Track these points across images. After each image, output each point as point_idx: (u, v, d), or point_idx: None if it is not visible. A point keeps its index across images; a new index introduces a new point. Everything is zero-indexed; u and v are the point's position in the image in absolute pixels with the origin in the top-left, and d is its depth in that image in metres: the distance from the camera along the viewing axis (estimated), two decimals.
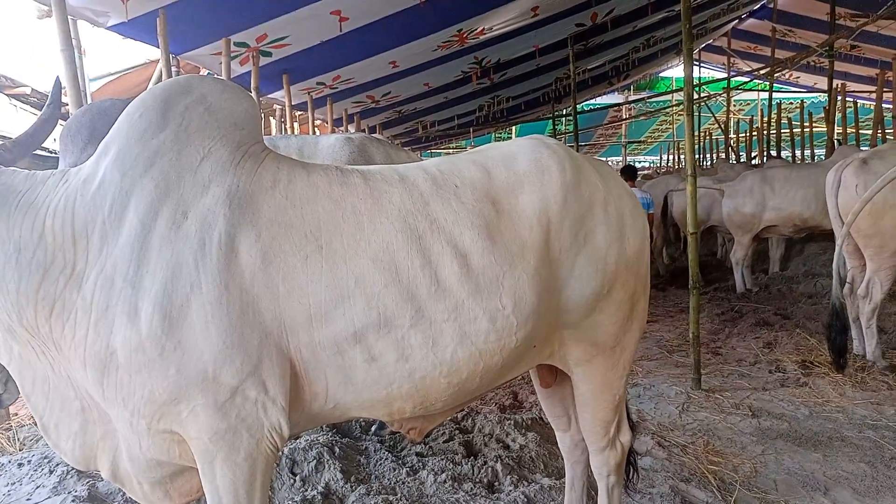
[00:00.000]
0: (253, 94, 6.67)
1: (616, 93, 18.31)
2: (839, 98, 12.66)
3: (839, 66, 12.73)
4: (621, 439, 2.56)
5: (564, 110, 15.38)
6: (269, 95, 8.40)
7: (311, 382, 1.86)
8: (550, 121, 15.15)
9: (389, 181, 2.05)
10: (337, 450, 3.46)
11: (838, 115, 13.53)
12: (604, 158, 23.69)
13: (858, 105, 15.00)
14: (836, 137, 12.57)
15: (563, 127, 17.40)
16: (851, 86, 14.28)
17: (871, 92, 13.03)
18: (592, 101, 17.59)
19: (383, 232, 1.92)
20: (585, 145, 20.61)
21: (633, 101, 17.52)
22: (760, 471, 3.46)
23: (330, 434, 3.69)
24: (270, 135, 7.59)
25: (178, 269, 1.70)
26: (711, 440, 3.83)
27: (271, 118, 9.85)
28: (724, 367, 5.17)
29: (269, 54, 7.13)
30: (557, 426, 2.79)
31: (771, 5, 12.74)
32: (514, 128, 17.73)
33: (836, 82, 12.25)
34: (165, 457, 1.82)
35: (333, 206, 1.92)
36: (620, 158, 24.29)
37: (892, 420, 4.04)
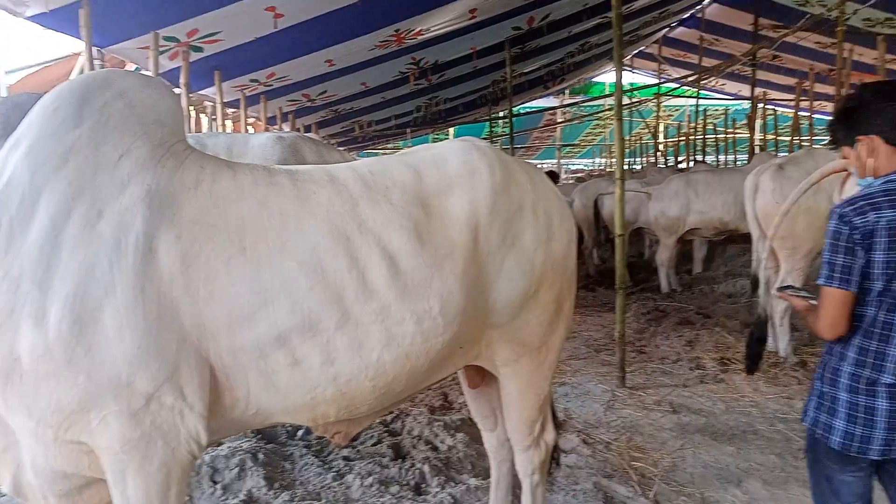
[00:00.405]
0: (183, 91, 6.50)
1: (552, 96, 18.63)
2: (761, 106, 13.26)
3: (761, 75, 13.30)
4: (545, 438, 2.62)
5: (501, 112, 15.56)
6: (200, 92, 8.19)
7: (232, 387, 1.83)
8: (488, 123, 15.30)
9: (318, 182, 2.05)
10: (261, 456, 3.40)
11: (760, 122, 14.18)
12: (539, 161, 24.05)
13: (778, 113, 15.78)
14: (757, 143, 13.17)
15: (500, 129, 17.59)
16: (772, 94, 14.98)
17: (790, 100, 13.70)
18: (529, 105, 17.85)
19: (310, 233, 1.91)
20: (521, 148, 20.88)
21: (568, 105, 17.90)
22: (679, 464, 3.61)
23: (254, 440, 3.63)
24: (201, 132, 7.40)
25: (90, 272, 1.65)
26: (634, 436, 3.97)
27: (202, 115, 9.60)
28: (648, 365, 5.35)
29: (200, 50, 6.95)
30: (484, 426, 2.83)
31: (699, 15, 13.22)
32: (451, 129, 17.82)
33: (759, 90, 12.84)
34: (73, 468, 1.75)
35: (259, 206, 1.90)
36: (555, 161, 24.77)
37: (800, 413, 4.26)
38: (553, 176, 9.07)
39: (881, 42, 8.55)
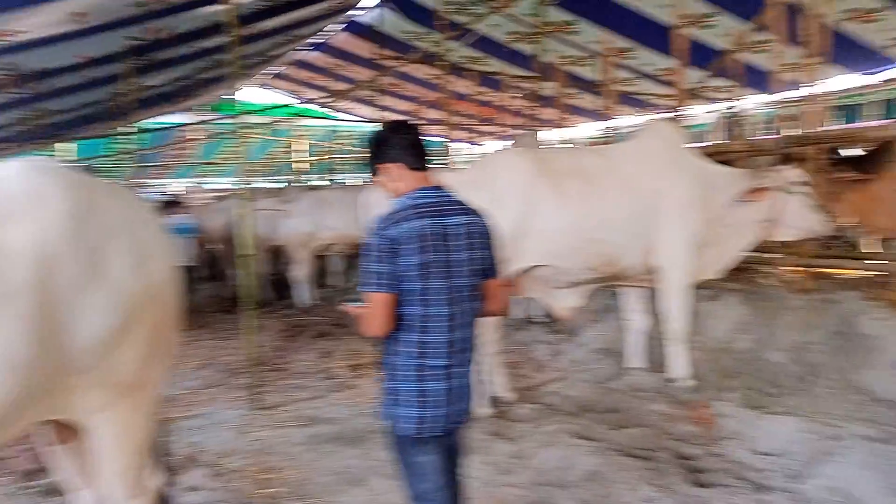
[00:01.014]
0: None
1: (188, 113, 17.70)
2: None
3: (386, 101, 14.57)
4: (151, 483, 2.45)
5: (122, 128, 14.28)
6: None
7: None
8: (112, 138, 13.94)
9: None
10: None
11: None
12: (176, 180, 22.80)
13: None
14: None
15: (125, 145, 16.10)
16: (395, 117, 16.54)
17: None
18: (159, 120, 16.69)
19: None
20: (152, 166, 19.60)
21: (199, 123, 17.27)
22: (310, 477, 3.69)
23: None
24: None
25: None
26: (267, 458, 3.95)
27: None
28: (285, 382, 5.41)
29: None
30: (79, 484, 2.50)
31: (329, 42, 13.93)
32: (75, 144, 15.77)
33: (384, 114, 14.05)
34: None
35: None
36: (190, 180, 23.59)
37: None
38: (174, 204, 8.73)
39: (474, 76, 10.16)
